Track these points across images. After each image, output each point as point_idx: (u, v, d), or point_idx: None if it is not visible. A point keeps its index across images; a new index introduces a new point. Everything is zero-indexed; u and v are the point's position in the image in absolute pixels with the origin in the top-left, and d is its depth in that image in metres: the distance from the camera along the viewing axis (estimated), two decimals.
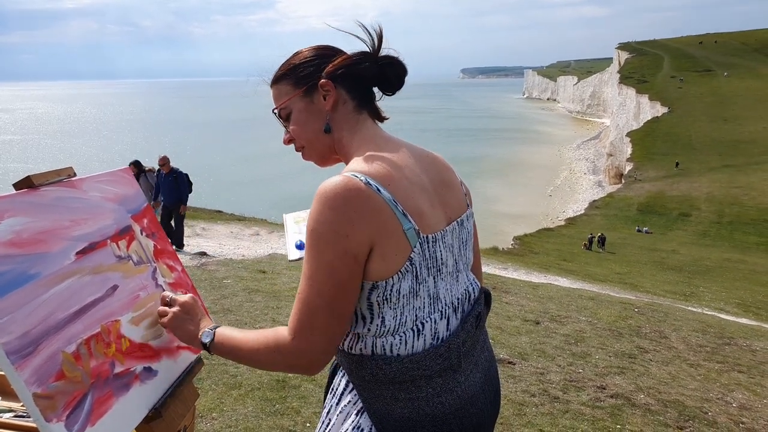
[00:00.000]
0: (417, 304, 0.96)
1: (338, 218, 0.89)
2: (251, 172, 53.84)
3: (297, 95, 1.06)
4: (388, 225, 0.91)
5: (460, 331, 1.00)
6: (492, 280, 7.09)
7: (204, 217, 12.73)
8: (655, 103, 66.83)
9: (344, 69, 1.04)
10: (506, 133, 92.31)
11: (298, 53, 1.09)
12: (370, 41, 1.04)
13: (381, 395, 0.97)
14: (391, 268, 0.92)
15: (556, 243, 25.02)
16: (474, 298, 1.08)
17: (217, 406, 2.81)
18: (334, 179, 0.92)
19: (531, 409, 2.95)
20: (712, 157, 47.45)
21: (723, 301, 10.69)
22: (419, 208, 0.96)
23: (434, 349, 0.96)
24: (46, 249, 0.99)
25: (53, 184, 1.09)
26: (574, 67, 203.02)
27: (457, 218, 1.06)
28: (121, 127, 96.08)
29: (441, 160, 1.12)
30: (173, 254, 1.38)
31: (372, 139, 1.04)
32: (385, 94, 1.09)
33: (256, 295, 5.05)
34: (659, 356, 4.15)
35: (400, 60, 1.06)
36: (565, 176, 56.24)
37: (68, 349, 0.94)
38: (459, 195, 1.10)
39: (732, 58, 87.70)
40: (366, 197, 0.90)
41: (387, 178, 0.94)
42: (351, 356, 0.99)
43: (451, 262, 1.03)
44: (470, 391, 1.01)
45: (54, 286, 0.96)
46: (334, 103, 1.04)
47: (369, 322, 0.96)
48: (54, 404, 0.86)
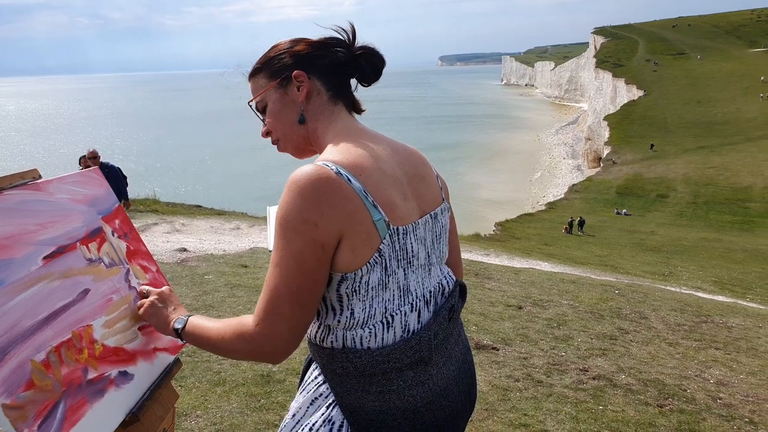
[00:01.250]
0: (386, 296, 0.96)
1: (307, 207, 0.89)
2: (231, 166, 53.21)
3: (272, 87, 1.06)
4: (358, 215, 0.91)
5: (432, 323, 1.00)
6: (474, 266, 7.14)
7: (183, 213, 12.56)
8: (631, 87, 67.74)
9: (316, 51, 1.04)
10: (485, 120, 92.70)
11: (274, 46, 1.09)
12: (345, 35, 1.06)
13: (352, 388, 0.97)
14: (360, 259, 0.92)
15: (537, 228, 25.31)
16: (448, 291, 1.08)
17: (202, 403, 2.78)
18: (305, 168, 0.92)
19: (515, 393, 2.99)
20: (687, 138, 48.38)
21: (700, 280, 10.97)
22: (390, 199, 0.96)
23: (405, 342, 0.96)
24: (10, 255, 0.95)
25: (17, 187, 1.05)
26: (551, 52, 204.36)
27: (431, 211, 1.06)
28: (95, 124, 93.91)
29: (417, 153, 1.12)
30: (147, 254, 1.35)
31: (346, 131, 1.03)
32: (362, 85, 1.09)
33: (239, 290, 5.00)
34: (639, 336, 4.24)
35: (377, 50, 1.06)
36: (545, 161, 56.80)
37: (37, 357, 0.91)
38: (434, 188, 1.10)
39: (704, 41, 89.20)
40: (336, 186, 0.90)
41: (358, 168, 0.94)
42: (323, 349, 1.00)
43: (423, 255, 1.03)
44: (442, 383, 1.02)
45: (20, 293, 0.93)
46: (307, 94, 1.04)
47: (339, 314, 0.96)
48: (24, 414, 0.84)
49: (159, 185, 21.42)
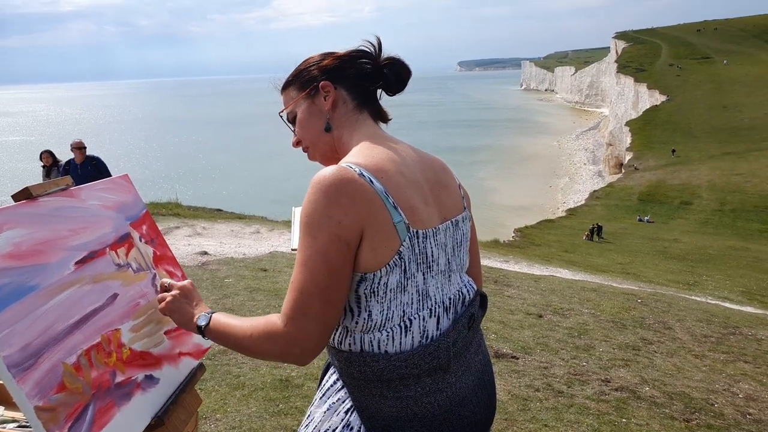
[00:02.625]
0: (405, 299, 0.97)
1: (331, 205, 0.91)
2: (251, 171, 53.81)
3: (301, 98, 1.11)
4: (379, 216, 0.92)
5: (451, 331, 1.01)
6: (493, 273, 7.08)
7: (204, 216, 12.73)
8: (654, 92, 66.61)
9: (343, 64, 1.08)
10: (504, 125, 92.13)
11: (305, 60, 1.14)
12: (371, 48, 1.10)
13: (369, 393, 0.97)
14: (379, 260, 0.93)
15: (558, 234, 24.99)
16: (469, 300, 1.09)
17: (221, 407, 2.81)
18: (328, 169, 0.95)
19: (535, 404, 2.95)
20: (712, 144, 47.31)
21: (727, 290, 10.69)
22: (411, 202, 0.98)
23: (423, 348, 0.96)
24: (45, 260, 0.98)
25: (52, 194, 1.08)
26: (571, 57, 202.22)
27: (452, 218, 1.07)
28: (123, 128, 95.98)
29: (439, 162, 1.14)
30: (173, 260, 1.38)
31: (369, 137, 1.06)
32: (387, 94, 1.13)
33: (258, 294, 5.04)
34: (664, 347, 4.15)
35: (402, 61, 1.10)
36: (565, 167, 56.16)
37: (69, 360, 0.93)
38: (455, 196, 1.11)
39: (730, 45, 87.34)
40: (358, 186, 0.92)
41: (380, 170, 0.96)
42: (341, 353, 1.00)
43: (443, 261, 1.03)
44: (461, 393, 1.01)
45: (53, 297, 0.96)
46: (333, 103, 1.08)
47: (357, 315, 0.97)
48: (56, 416, 0.86)
49: (181, 189, 21.79)
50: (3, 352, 0.82)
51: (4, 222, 0.94)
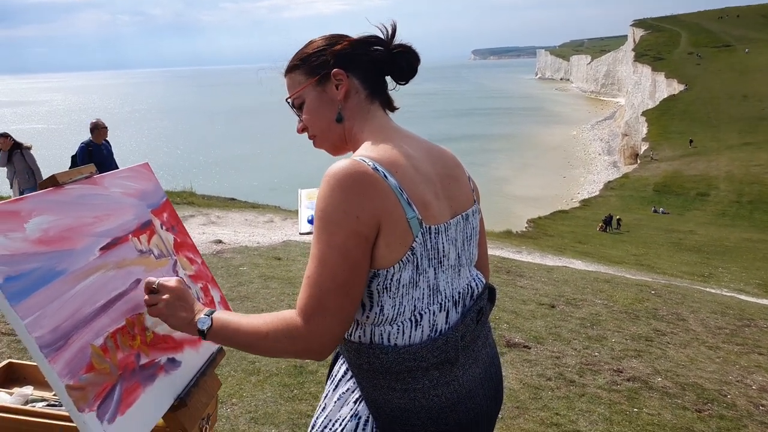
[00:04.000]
0: (416, 294, 0.97)
1: (348, 199, 0.90)
2: (264, 160, 54.02)
3: (310, 85, 1.06)
4: (394, 211, 0.92)
5: (460, 324, 1.01)
6: (506, 264, 7.07)
7: (218, 205, 12.86)
8: (672, 81, 65.35)
9: (356, 50, 1.05)
10: (519, 114, 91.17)
11: (311, 42, 1.09)
12: (384, 32, 1.06)
13: (378, 385, 0.98)
14: (393, 256, 0.93)
15: (571, 225, 24.80)
16: (477, 294, 1.09)
17: (237, 392, 2.87)
18: (342, 162, 0.93)
19: (547, 392, 2.97)
20: (731, 134, 46.38)
21: (743, 282, 10.55)
22: (424, 198, 0.97)
23: (432, 341, 0.97)
24: (71, 246, 1.02)
25: (76, 182, 1.11)
26: (587, 45, 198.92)
27: (463, 212, 1.07)
28: (138, 117, 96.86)
29: (450, 154, 1.13)
30: (193, 247, 1.41)
31: (381, 129, 1.05)
32: (398, 83, 1.10)
33: (272, 282, 5.11)
34: (677, 339, 4.13)
35: (413, 48, 1.06)
36: (580, 157, 55.54)
37: (96, 342, 0.97)
38: (466, 190, 1.10)
39: (752, 32, 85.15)
40: (373, 181, 0.91)
41: (394, 165, 0.95)
42: (350, 344, 1.01)
43: (454, 256, 1.03)
44: (468, 385, 1.02)
45: (81, 282, 0.99)
46: (346, 93, 1.05)
47: (368, 310, 0.97)
48: (86, 395, 0.90)
49: (195, 178, 22.01)
50: (35, 333, 0.86)
51: (33, 208, 0.98)
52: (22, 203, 0.97)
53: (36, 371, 1.40)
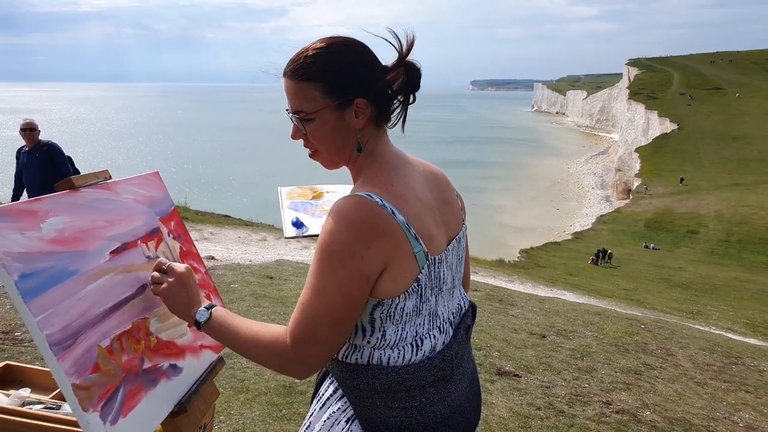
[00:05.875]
0: (418, 321, 0.98)
1: (355, 239, 0.89)
2: (260, 179, 54.11)
3: (328, 107, 0.97)
4: (401, 248, 0.92)
5: (453, 343, 1.04)
6: (498, 293, 7.09)
7: (212, 222, 12.83)
8: (665, 120, 66.70)
9: (377, 76, 0.98)
10: (515, 145, 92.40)
11: (332, 51, 0.97)
12: (399, 46, 0.99)
13: (374, 404, 0.98)
14: (399, 288, 0.94)
15: (563, 257, 24.91)
16: (464, 311, 1.12)
17: (225, 409, 2.84)
18: (350, 200, 0.92)
19: (536, 422, 2.96)
20: (720, 174, 47.19)
21: (731, 321, 10.61)
22: (429, 230, 0.98)
23: (429, 360, 0.99)
24: (84, 247, 1.04)
25: (91, 186, 1.14)
26: (583, 81, 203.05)
27: (456, 236, 1.08)
28: (137, 131, 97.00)
29: (442, 175, 1.14)
30: (197, 256, 1.43)
31: (385, 157, 1.02)
32: (403, 104, 1.04)
33: (263, 301, 5.08)
34: (666, 373, 4.14)
35: (418, 66, 1.02)
36: (573, 190, 56.11)
37: (103, 343, 0.99)
38: (457, 212, 1.11)
39: (742, 77, 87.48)
40: (382, 220, 0.91)
41: (401, 200, 0.95)
42: (345, 365, 1.00)
43: (450, 280, 1.05)
44: (458, 400, 1.04)
45: (91, 283, 1.01)
46: (365, 123, 1.00)
47: (369, 335, 0.97)
48: (90, 395, 0.91)
49: (190, 194, 22.00)
50: (45, 330, 0.88)
51: (50, 209, 1.00)
52: (39, 203, 1.00)
53: (33, 374, 1.40)
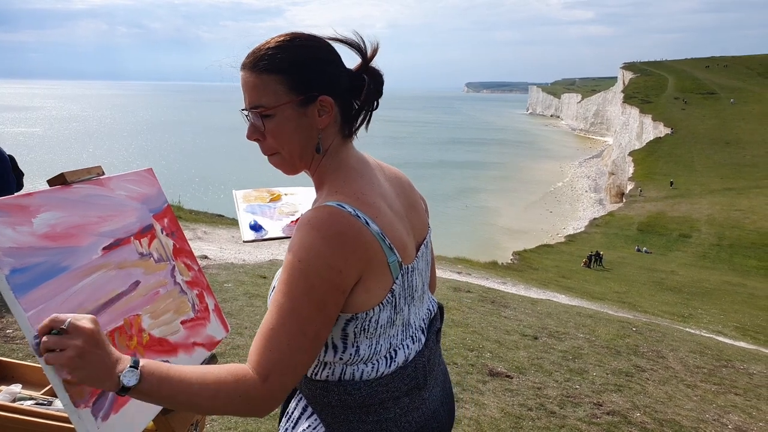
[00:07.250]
0: (392, 332, 0.95)
1: (332, 253, 0.84)
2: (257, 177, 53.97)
3: (291, 103, 0.92)
4: (376, 259, 0.89)
5: (425, 349, 1.01)
6: (491, 294, 7.11)
7: (206, 221, 12.79)
8: (658, 124, 67.15)
9: (345, 76, 0.95)
10: (510, 147, 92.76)
11: (296, 44, 0.93)
12: (361, 49, 0.97)
13: (347, 419, 0.94)
14: (373, 300, 0.90)
15: (556, 260, 25.01)
16: (433, 315, 1.10)
17: None
18: (323, 211, 0.87)
19: (528, 422, 2.98)
20: (713, 179, 47.56)
21: (721, 324, 10.69)
22: (402, 239, 0.95)
23: (402, 370, 0.96)
24: (76, 243, 1.04)
25: (84, 181, 1.14)
26: (578, 84, 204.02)
27: (423, 241, 1.06)
28: (131, 129, 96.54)
29: (405, 178, 1.11)
30: (191, 254, 1.43)
31: (349, 162, 0.98)
32: (367, 110, 0.99)
33: (256, 300, 5.07)
34: (656, 375, 4.17)
35: (381, 72, 0.98)
36: (567, 193, 56.38)
37: None
38: (422, 216, 1.08)
39: (736, 82, 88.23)
40: (357, 230, 0.86)
41: (374, 210, 0.91)
42: (314, 382, 0.96)
43: (420, 286, 1.03)
44: (432, 406, 1.02)
45: (83, 279, 1.01)
46: (328, 123, 0.95)
47: (342, 352, 0.93)
48: (81, 391, 0.90)
49: (184, 193, 21.90)
50: (37, 326, 0.87)
51: (41, 204, 1.00)
52: (31, 198, 0.99)
53: (24, 369, 1.39)
